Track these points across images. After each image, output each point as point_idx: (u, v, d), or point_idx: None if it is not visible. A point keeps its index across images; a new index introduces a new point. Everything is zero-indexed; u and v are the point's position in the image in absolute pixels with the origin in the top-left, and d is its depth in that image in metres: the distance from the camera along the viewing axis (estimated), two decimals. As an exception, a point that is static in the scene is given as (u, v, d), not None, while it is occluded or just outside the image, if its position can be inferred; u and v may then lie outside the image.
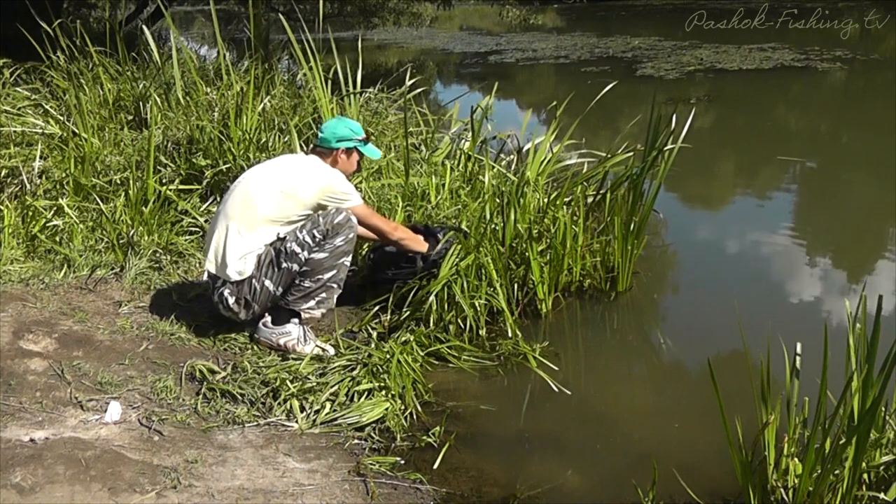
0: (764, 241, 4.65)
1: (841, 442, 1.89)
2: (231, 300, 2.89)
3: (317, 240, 2.83)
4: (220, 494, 2.08)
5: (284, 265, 2.83)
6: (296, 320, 2.93)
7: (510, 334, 3.15)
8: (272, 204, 2.85)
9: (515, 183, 3.71)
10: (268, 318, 2.95)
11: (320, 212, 2.88)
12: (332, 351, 2.93)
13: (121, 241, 3.58)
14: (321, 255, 2.83)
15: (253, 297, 2.88)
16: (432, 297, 3.10)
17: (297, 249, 2.83)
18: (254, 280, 2.85)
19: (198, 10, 23.11)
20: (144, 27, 5.87)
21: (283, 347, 2.91)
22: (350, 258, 2.94)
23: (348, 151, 3.08)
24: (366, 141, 3.14)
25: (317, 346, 2.94)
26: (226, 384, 2.62)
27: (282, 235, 2.86)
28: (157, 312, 3.10)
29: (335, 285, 2.92)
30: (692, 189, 5.88)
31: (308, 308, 2.91)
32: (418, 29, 17.75)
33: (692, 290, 3.94)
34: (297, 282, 2.87)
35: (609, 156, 4.15)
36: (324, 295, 2.91)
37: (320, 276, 2.86)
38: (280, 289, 2.88)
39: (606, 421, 2.71)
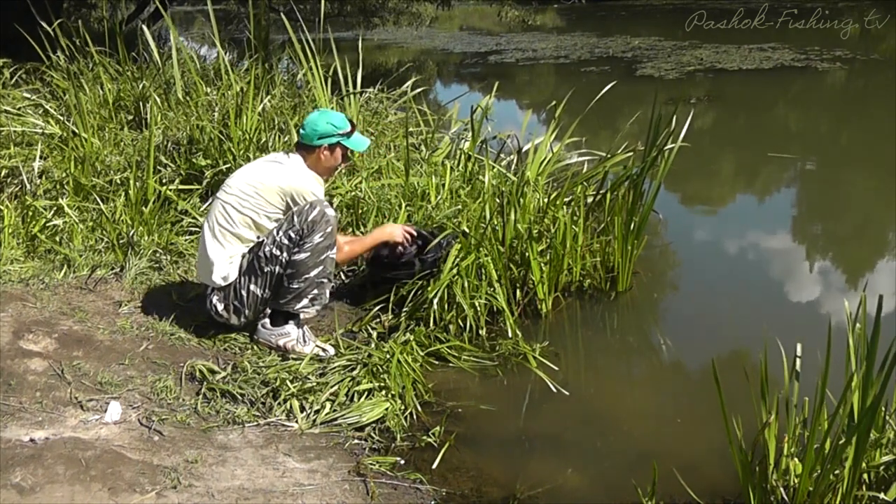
0: (764, 240, 4.66)
1: (841, 442, 1.89)
2: (220, 307, 2.91)
3: (293, 240, 2.79)
4: (220, 494, 2.08)
5: (266, 269, 2.83)
6: (294, 321, 2.93)
7: (510, 334, 3.15)
8: (244, 208, 2.84)
9: (515, 183, 3.71)
10: (266, 320, 2.95)
11: (295, 210, 2.82)
12: (331, 351, 2.93)
13: (121, 241, 3.58)
14: (303, 256, 2.80)
15: (241, 303, 2.89)
16: (433, 298, 3.10)
17: (276, 252, 2.81)
18: (239, 286, 2.86)
19: (198, 9, 23.13)
20: (144, 27, 5.87)
21: (283, 348, 2.91)
22: (335, 250, 2.90)
23: (331, 147, 2.96)
24: (350, 133, 2.99)
25: (316, 346, 2.94)
26: (226, 384, 2.62)
27: (259, 239, 2.84)
28: (157, 312, 3.10)
29: (325, 280, 2.90)
30: (692, 189, 5.88)
31: (303, 307, 2.90)
32: (418, 29, 17.76)
33: (692, 290, 3.94)
34: (285, 284, 2.85)
35: (609, 156, 4.15)
36: (315, 292, 2.89)
37: (307, 276, 2.83)
38: (267, 291, 2.87)
39: (606, 421, 2.71)
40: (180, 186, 4.03)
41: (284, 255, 2.81)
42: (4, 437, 2.16)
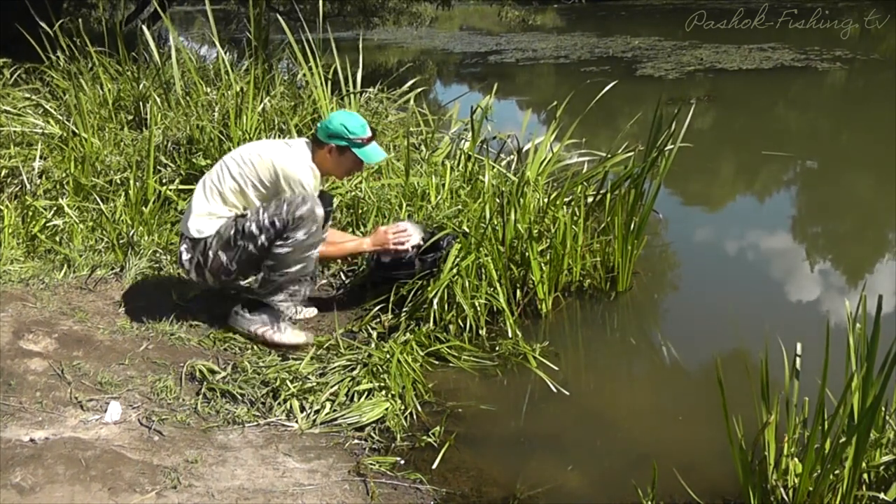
0: (764, 240, 4.66)
1: (841, 442, 1.89)
2: (185, 256, 2.89)
3: (277, 228, 2.76)
4: (220, 494, 2.08)
5: (240, 243, 2.80)
6: (269, 310, 2.94)
7: (510, 334, 3.15)
8: (235, 173, 2.83)
9: (515, 183, 3.71)
10: (241, 307, 2.98)
11: (285, 197, 2.78)
12: (305, 338, 2.96)
13: (121, 241, 3.58)
14: (285, 250, 2.79)
15: (205, 262, 2.86)
16: (433, 298, 3.10)
17: (256, 231, 2.78)
18: (208, 245, 2.84)
19: (198, 9, 23.13)
20: (144, 27, 5.87)
21: (257, 336, 2.94)
22: (318, 250, 2.88)
23: (340, 149, 2.89)
24: (365, 142, 2.90)
25: (291, 333, 2.96)
26: (226, 384, 2.62)
27: (243, 210, 2.82)
28: (157, 312, 3.10)
29: (305, 279, 2.90)
30: (692, 189, 5.88)
31: (279, 301, 2.91)
32: (418, 29, 17.77)
33: (692, 290, 3.94)
34: (265, 276, 2.86)
35: (609, 156, 4.15)
36: (294, 287, 2.89)
37: (287, 270, 2.83)
38: (234, 265, 2.85)
39: (606, 421, 2.71)
40: (180, 186, 4.03)
41: (262, 237, 2.78)
42: (4, 437, 2.16)
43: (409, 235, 3.20)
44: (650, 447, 2.48)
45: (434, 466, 2.34)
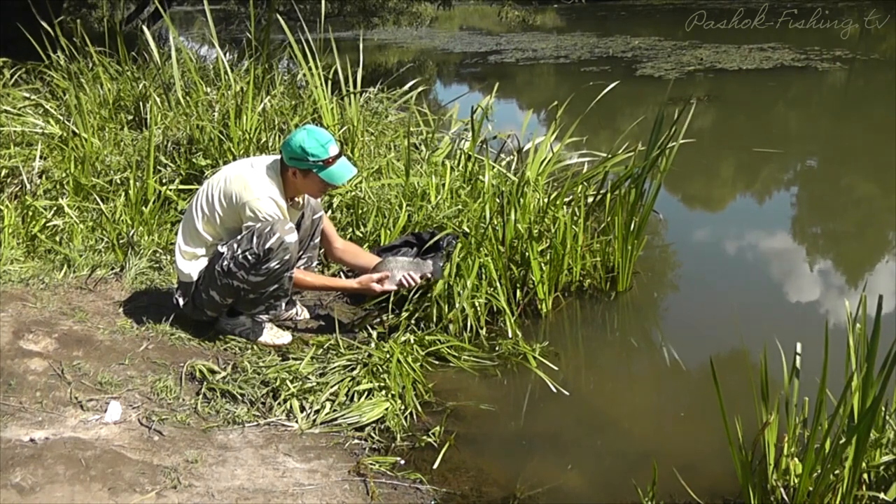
0: (764, 240, 4.66)
1: (841, 442, 1.89)
2: (181, 301, 2.96)
3: (251, 262, 2.78)
4: (220, 494, 2.08)
5: (225, 281, 2.83)
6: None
7: (510, 334, 3.15)
8: (207, 215, 2.86)
9: (515, 183, 3.71)
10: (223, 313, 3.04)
11: (254, 229, 2.77)
12: (289, 338, 3.03)
13: (121, 241, 3.58)
14: (259, 279, 2.82)
15: (200, 303, 2.93)
16: (433, 298, 3.10)
17: (234, 269, 2.80)
18: (199, 286, 2.90)
19: (198, 9, 23.06)
20: (144, 27, 5.87)
21: (241, 336, 3.01)
22: (292, 271, 2.90)
23: (303, 172, 2.81)
24: (328, 163, 2.79)
25: (272, 334, 3.04)
26: (226, 384, 2.62)
27: (221, 249, 2.84)
28: (157, 312, 3.10)
29: (281, 294, 2.94)
30: (692, 189, 5.89)
31: (256, 313, 2.98)
32: (418, 29, 17.78)
33: (692, 291, 3.94)
34: (241, 295, 2.88)
35: (609, 156, 4.15)
36: (271, 301, 2.95)
37: (264, 291, 2.88)
38: (227, 299, 2.91)
39: (606, 421, 2.71)
40: (180, 186, 4.03)
41: (241, 272, 2.81)
42: (4, 437, 2.16)
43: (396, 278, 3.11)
44: (650, 447, 2.49)
45: (434, 466, 2.34)
